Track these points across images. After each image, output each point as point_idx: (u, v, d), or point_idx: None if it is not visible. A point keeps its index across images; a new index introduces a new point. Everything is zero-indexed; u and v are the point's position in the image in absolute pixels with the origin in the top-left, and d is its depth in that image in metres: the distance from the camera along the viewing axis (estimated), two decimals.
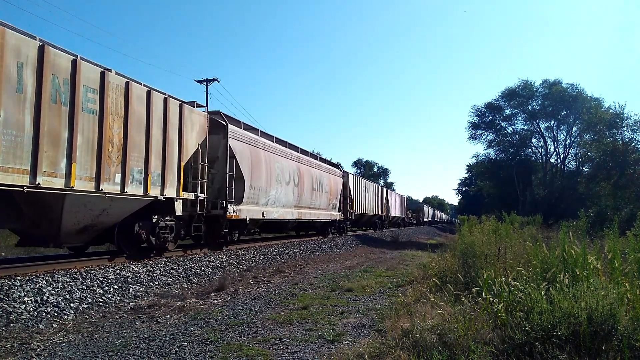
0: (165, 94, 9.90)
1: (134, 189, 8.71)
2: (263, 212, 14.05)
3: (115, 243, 9.31)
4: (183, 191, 10.34)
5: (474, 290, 5.13)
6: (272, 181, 14.66)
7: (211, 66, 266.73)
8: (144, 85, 9.33)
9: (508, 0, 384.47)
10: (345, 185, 24.58)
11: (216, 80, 31.96)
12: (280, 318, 6.15)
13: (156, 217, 9.75)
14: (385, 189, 37.87)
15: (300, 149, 18.22)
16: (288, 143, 17.11)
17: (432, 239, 35.32)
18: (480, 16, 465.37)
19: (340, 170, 24.31)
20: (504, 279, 4.96)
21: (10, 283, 6.37)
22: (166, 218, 10.08)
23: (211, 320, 6.01)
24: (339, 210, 23.02)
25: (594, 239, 7.54)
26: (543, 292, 4.19)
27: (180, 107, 10.28)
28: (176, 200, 10.10)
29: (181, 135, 10.23)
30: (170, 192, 9.86)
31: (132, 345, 4.86)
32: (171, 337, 5.19)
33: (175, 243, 10.90)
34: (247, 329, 5.60)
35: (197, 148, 10.98)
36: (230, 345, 4.85)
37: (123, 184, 8.42)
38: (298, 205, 17.18)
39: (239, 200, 12.58)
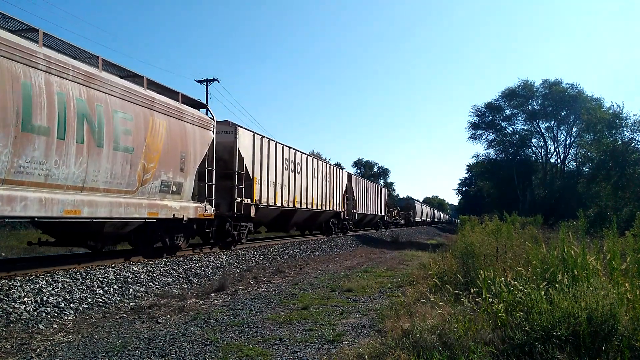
0: None
1: None
2: None
3: None
4: None
5: (473, 290, 5.13)
6: None
7: (211, 66, 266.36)
8: None
9: (509, 1, 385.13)
10: (230, 151, 12.54)
11: (216, 80, 31.94)
12: (280, 318, 6.15)
13: None
14: (345, 172, 24.77)
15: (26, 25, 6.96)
16: None
17: (432, 239, 35.33)
18: (481, 17, 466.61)
19: (212, 118, 11.66)
20: (503, 279, 4.97)
21: (10, 283, 6.38)
22: None
23: (211, 321, 6.01)
24: (202, 200, 11.18)
25: (593, 239, 7.53)
26: (543, 292, 4.19)
27: None
28: None
29: None
30: None
31: (132, 345, 4.87)
32: (171, 337, 5.19)
33: None
34: (247, 329, 5.60)
35: None
36: (230, 346, 4.86)
37: None
38: None
39: None
